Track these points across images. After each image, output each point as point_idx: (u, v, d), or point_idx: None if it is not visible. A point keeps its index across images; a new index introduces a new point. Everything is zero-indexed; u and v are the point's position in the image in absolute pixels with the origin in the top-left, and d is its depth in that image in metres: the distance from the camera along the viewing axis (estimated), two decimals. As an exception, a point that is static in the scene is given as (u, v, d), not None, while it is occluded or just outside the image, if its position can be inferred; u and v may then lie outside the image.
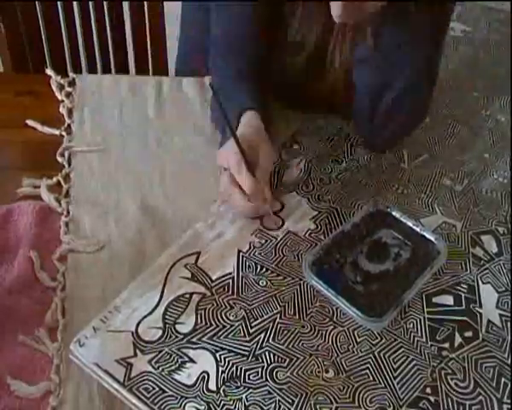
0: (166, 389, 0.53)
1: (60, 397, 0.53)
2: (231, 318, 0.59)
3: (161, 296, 0.60)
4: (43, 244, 0.66)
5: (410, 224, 0.68)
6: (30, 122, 0.81)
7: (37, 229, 0.67)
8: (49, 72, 0.88)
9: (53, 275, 0.63)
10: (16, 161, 0.78)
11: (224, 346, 0.56)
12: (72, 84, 0.87)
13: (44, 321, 0.58)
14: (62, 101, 0.84)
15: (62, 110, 0.83)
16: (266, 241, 0.66)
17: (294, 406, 0.53)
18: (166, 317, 0.58)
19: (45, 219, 0.69)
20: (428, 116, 0.86)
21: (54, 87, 0.86)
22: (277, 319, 0.59)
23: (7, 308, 0.59)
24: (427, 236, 0.67)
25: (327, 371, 0.55)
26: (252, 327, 0.58)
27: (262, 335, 0.57)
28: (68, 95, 0.86)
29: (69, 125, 0.81)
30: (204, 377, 0.54)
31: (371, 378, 0.55)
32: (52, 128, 0.80)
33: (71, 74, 0.89)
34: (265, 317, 0.59)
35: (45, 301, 0.61)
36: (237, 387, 0.53)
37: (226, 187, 0.67)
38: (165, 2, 1.05)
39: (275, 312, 0.60)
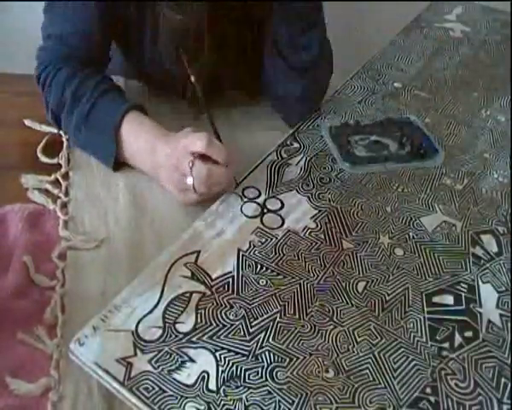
0: (166, 389, 0.52)
1: (59, 393, 0.53)
2: (231, 317, 0.58)
3: (161, 295, 0.59)
4: (36, 248, 0.65)
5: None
6: (27, 122, 0.80)
7: (28, 234, 0.66)
8: None
9: (50, 276, 0.63)
10: (15, 161, 0.78)
11: (224, 345, 0.56)
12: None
13: (43, 318, 0.58)
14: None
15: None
16: (266, 240, 0.66)
17: (294, 406, 0.52)
18: (166, 316, 0.58)
19: (36, 222, 0.68)
20: (429, 117, 0.87)
21: None
22: (277, 319, 0.59)
23: (4, 309, 0.59)
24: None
25: (327, 371, 0.55)
26: (252, 326, 0.58)
27: (262, 334, 0.57)
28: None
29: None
30: (204, 376, 0.54)
31: (371, 378, 0.55)
32: (51, 127, 0.80)
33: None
34: (265, 316, 0.59)
35: (43, 301, 0.60)
36: (237, 387, 0.53)
37: (205, 169, 0.67)
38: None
39: (275, 311, 0.59)
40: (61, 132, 0.79)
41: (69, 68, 0.77)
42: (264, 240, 0.66)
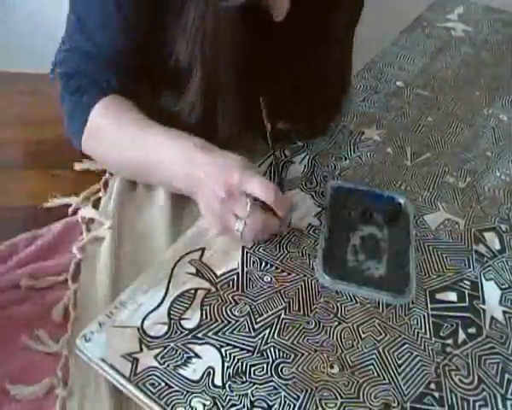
0: (172, 385, 0.53)
1: (68, 389, 0.53)
2: (236, 313, 0.59)
3: (166, 292, 0.60)
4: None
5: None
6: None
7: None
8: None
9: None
10: (17, 160, 0.78)
11: (230, 341, 0.56)
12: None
13: (52, 317, 0.58)
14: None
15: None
16: (270, 237, 0.66)
17: (300, 401, 0.53)
18: (172, 312, 0.58)
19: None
20: (431, 115, 0.87)
21: None
22: (282, 315, 0.59)
23: (6, 314, 0.59)
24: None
25: (332, 367, 0.56)
26: (257, 323, 0.58)
27: (267, 331, 0.58)
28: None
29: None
30: (209, 372, 0.54)
31: (376, 374, 0.55)
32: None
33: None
34: (270, 313, 0.59)
35: (47, 302, 0.60)
36: (243, 382, 0.54)
37: (261, 220, 0.61)
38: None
39: (279, 308, 0.60)
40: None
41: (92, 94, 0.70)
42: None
